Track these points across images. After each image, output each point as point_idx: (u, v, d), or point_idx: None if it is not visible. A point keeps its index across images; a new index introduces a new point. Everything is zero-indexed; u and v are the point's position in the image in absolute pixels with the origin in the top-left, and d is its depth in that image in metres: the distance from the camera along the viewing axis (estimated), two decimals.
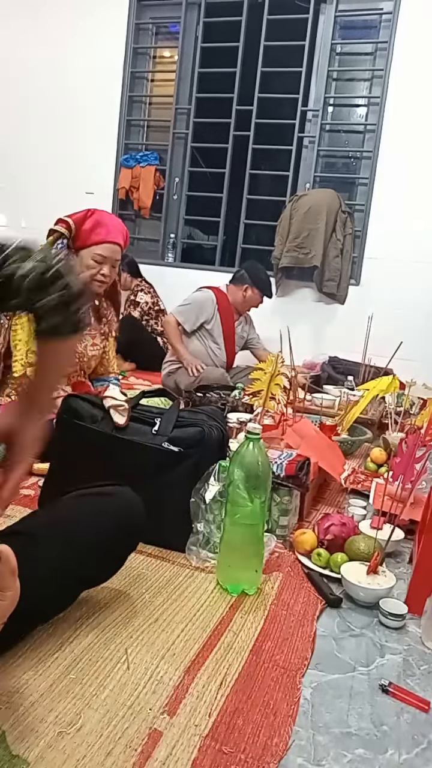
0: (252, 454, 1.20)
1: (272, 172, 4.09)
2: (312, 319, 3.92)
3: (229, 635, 1.08)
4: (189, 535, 1.36)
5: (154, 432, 1.42)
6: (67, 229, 1.91)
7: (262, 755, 0.81)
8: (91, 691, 0.89)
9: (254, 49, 3.93)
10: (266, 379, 1.90)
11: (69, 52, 4.38)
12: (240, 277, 3.29)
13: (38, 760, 0.76)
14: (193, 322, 3.17)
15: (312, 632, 1.11)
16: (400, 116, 3.65)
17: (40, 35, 4.45)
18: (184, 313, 3.17)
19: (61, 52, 4.39)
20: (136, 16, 4.23)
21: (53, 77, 4.44)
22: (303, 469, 1.53)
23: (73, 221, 1.91)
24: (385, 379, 2.23)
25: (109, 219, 1.96)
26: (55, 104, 4.45)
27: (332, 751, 0.84)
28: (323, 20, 3.85)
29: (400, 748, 0.86)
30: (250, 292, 3.28)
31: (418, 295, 3.62)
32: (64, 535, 1.00)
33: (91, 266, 1.93)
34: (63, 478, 1.41)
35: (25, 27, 4.50)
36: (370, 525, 1.48)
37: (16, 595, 0.81)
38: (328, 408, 2.49)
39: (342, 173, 4.09)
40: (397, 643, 1.11)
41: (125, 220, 4.43)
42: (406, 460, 1.34)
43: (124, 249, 2.02)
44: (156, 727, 0.84)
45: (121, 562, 1.13)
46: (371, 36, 3.86)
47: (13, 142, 4.60)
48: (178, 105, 4.23)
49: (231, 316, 3.30)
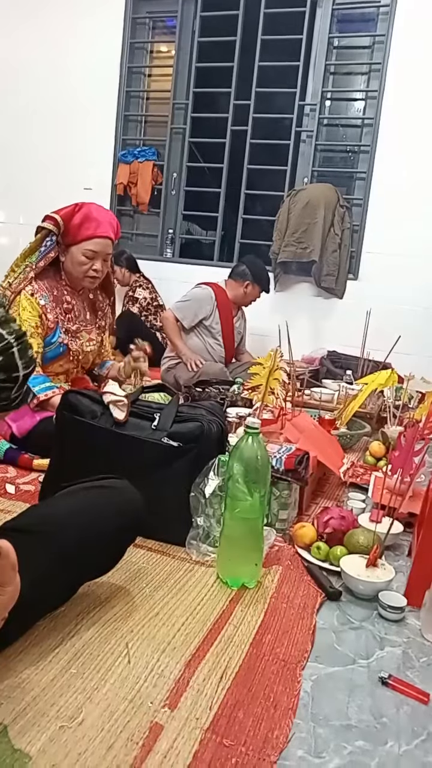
0: (251, 449, 1.20)
1: (270, 166, 4.08)
2: (310, 313, 3.92)
3: (229, 628, 1.08)
4: (189, 530, 1.36)
5: (153, 427, 1.42)
6: (55, 226, 1.87)
7: (263, 748, 0.81)
8: (93, 685, 0.90)
9: (251, 44, 3.91)
10: (265, 374, 1.90)
11: (66, 47, 4.35)
12: (241, 272, 3.28)
13: (40, 754, 0.76)
14: (191, 319, 3.17)
15: (312, 625, 1.12)
16: (397, 110, 3.64)
17: (37, 31, 4.43)
18: (183, 310, 3.17)
19: (58, 48, 4.37)
20: (133, 10, 4.21)
21: (50, 73, 4.42)
22: (302, 463, 1.53)
23: (60, 217, 1.86)
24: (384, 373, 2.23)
25: (98, 212, 1.91)
26: (53, 100, 4.43)
27: (332, 743, 0.84)
28: (320, 14, 3.83)
29: (400, 740, 0.86)
30: (251, 288, 3.29)
31: (417, 290, 3.62)
32: (64, 528, 1.00)
33: (82, 262, 1.91)
34: (63, 474, 1.41)
35: (22, 23, 4.47)
36: (369, 518, 1.48)
37: (16, 590, 0.81)
38: (327, 402, 2.49)
39: (340, 167, 4.08)
40: (397, 636, 1.12)
41: (123, 215, 4.44)
42: (405, 453, 1.34)
43: (116, 241, 2.00)
44: (157, 720, 0.84)
45: (121, 555, 1.13)
46: (369, 29, 3.84)
47: (10, 138, 4.58)
48: (176, 100, 4.21)
49: (230, 311, 3.30)
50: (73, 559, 1.00)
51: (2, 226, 4.77)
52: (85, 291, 2.05)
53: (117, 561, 1.13)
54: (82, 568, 1.05)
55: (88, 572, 1.09)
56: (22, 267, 1.92)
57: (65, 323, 1.96)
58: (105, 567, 1.12)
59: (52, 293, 1.93)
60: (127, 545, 1.14)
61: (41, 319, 1.89)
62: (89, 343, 2.05)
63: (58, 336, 1.94)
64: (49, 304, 1.91)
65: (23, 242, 1.94)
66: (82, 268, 1.91)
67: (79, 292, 2.03)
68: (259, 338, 3.69)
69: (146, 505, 1.15)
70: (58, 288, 1.95)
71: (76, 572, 1.04)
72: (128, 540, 1.15)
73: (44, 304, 1.89)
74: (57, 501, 1.11)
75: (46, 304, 1.90)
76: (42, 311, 1.89)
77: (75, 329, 1.98)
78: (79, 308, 2.02)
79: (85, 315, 2.06)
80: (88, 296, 2.09)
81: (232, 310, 3.32)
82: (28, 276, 1.90)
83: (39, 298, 1.89)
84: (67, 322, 1.96)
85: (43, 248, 1.91)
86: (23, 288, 1.88)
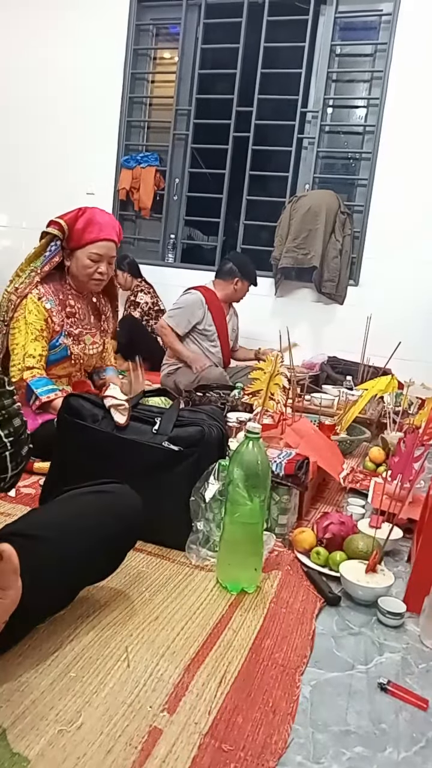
0: (251, 453, 1.20)
1: (272, 173, 4.09)
2: (311, 319, 3.93)
3: (228, 633, 1.08)
4: (189, 534, 1.37)
5: (154, 431, 1.43)
6: (59, 231, 1.90)
7: (262, 753, 0.81)
8: (92, 689, 0.90)
9: (254, 51, 3.93)
10: (265, 379, 1.90)
11: (70, 53, 4.38)
12: (229, 270, 3.29)
13: (39, 757, 0.76)
14: (185, 326, 3.18)
15: (311, 630, 1.12)
16: (399, 117, 3.66)
17: (40, 35, 4.45)
18: (175, 318, 3.18)
19: (62, 54, 4.40)
20: (137, 17, 4.24)
21: (54, 78, 4.44)
22: (302, 468, 1.53)
23: (65, 222, 1.90)
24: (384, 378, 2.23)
25: (101, 216, 1.94)
26: (56, 105, 4.45)
27: (331, 749, 0.84)
28: (323, 21, 3.85)
29: (399, 747, 0.86)
30: (240, 285, 3.30)
31: (417, 296, 3.62)
32: (64, 533, 1.01)
33: (88, 265, 1.93)
34: (64, 477, 1.42)
35: (25, 28, 4.50)
36: (369, 524, 1.48)
37: (17, 594, 0.81)
38: (327, 407, 2.50)
39: (341, 174, 4.09)
40: (396, 642, 1.12)
41: (126, 220, 4.46)
42: (405, 459, 1.35)
43: (119, 244, 2.02)
44: (156, 724, 0.84)
45: (121, 560, 1.13)
46: (371, 37, 3.86)
47: (14, 143, 4.60)
48: (179, 106, 4.23)
49: (222, 312, 3.31)
50: (74, 563, 1.00)
51: (5, 230, 4.78)
52: (89, 295, 2.07)
53: (117, 566, 1.13)
54: (82, 573, 1.05)
55: (88, 577, 1.09)
56: (28, 271, 1.95)
57: (69, 327, 1.97)
58: (105, 572, 1.12)
59: (58, 297, 1.95)
60: (127, 550, 1.14)
61: (47, 322, 1.91)
62: (92, 346, 2.06)
63: (63, 339, 1.95)
64: (54, 308, 1.93)
65: (26, 246, 1.96)
66: (88, 271, 1.94)
67: (84, 295, 2.04)
68: (259, 344, 3.70)
69: (146, 510, 1.15)
70: (63, 292, 1.97)
71: (76, 577, 1.04)
72: (128, 545, 1.15)
73: (50, 308, 1.92)
74: (58, 505, 1.11)
75: (52, 308, 1.92)
76: (48, 314, 1.91)
77: (78, 333, 2.00)
78: (83, 312, 2.04)
79: (89, 318, 2.07)
80: (92, 300, 2.10)
81: (224, 309, 3.33)
82: (34, 280, 1.92)
83: (45, 301, 1.91)
84: (72, 325, 1.98)
85: (47, 253, 1.94)
86: (29, 292, 1.90)
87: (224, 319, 3.33)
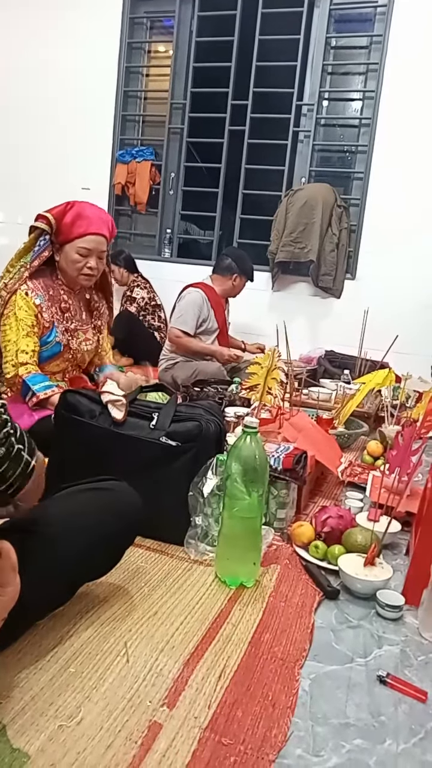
0: (249, 448, 1.20)
1: (268, 166, 4.08)
2: (308, 313, 3.92)
3: (227, 627, 1.09)
4: (187, 529, 1.37)
5: (151, 427, 1.42)
6: (47, 225, 1.87)
7: (262, 746, 0.82)
8: (91, 685, 0.90)
9: (249, 44, 3.92)
10: (263, 374, 1.90)
11: (63, 47, 4.35)
12: (228, 266, 3.30)
13: (39, 753, 0.77)
14: (195, 324, 3.18)
15: (310, 624, 1.12)
16: (395, 110, 3.64)
17: (34, 30, 4.42)
18: (185, 319, 3.17)
19: (56, 48, 4.37)
20: (130, 10, 4.21)
21: (48, 73, 4.42)
22: (300, 463, 1.53)
23: (53, 216, 1.86)
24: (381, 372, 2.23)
25: (91, 210, 1.90)
26: (50, 100, 4.42)
27: (331, 741, 0.84)
28: (318, 14, 3.83)
29: (398, 739, 0.86)
30: (238, 280, 3.32)
31: (414, 289, 3.62)
32: (63, 530, 1.00)
33: (76, 260, 1.90)
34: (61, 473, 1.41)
35: (18, 22, 4.47)
36: (367, 517, 1.48)
37: (16, 591, 0.81)
38: (325, 401, 2.50)
39: (337, 167, 4.09)
40: (395, 634, 1.12)
41: (121, 215, 4.44)
42: (403, 452, 1.35)
43: (111, 239, 1.99)
44: (156, 719, 0.85)
45: (120, 556, 1.13)
46: (366, 29, 3.84)
47: (8, 138, 4.57)
48: (174, 100, 4.21)
49: (222, 308, 3.33)
50: (73, 560, 1.00)
51: (1, 225, 4.76)
52: (81, 290, 2.05)
53: (116, 562, 1.13)
54: (81, 570, 1.05)
55: (87, 574, 1.09)
56: (17, 267, 1.92)
57: (62, 322, 1.96)
58: (104, 568, 1.12)
59: (48, 292, 1.93)
60: (125, 547, 1.14)
61: (37, 318, 1.89)
62: (86, 342, 2.05)
63: (55, 335, 1.94)
64: (44, 303, 1.91)
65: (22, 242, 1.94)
66: (77, 266, 1.91)
67: (76, 291, 2.03)
68: (256, 338, 3.70)
69: (145, 507, 1.15)
70: (54, 287, 1.95)
71: (75, 574, 1.04)
72: (127, 542, 1.15)
73: (39, 303, 1.89)
74: (56, 503, 1.11)
75: (41, 304, 1.90)
76: (38, 310, 1.89)
77: (72, 328, 1.98)
78: (75, 307, 2.02)
79: (81, 314, 2.05)
80: (84, 296, 2.08)
81: (223, 305, 3.35)
82: (23, 276, 1.90)
83: (34, 297, 1.88)
84: (64, 321, 1.96)
85: (36, 248, 1.91)
86: (18, 287, 1.88)
87: (224, 314, 3.35)
